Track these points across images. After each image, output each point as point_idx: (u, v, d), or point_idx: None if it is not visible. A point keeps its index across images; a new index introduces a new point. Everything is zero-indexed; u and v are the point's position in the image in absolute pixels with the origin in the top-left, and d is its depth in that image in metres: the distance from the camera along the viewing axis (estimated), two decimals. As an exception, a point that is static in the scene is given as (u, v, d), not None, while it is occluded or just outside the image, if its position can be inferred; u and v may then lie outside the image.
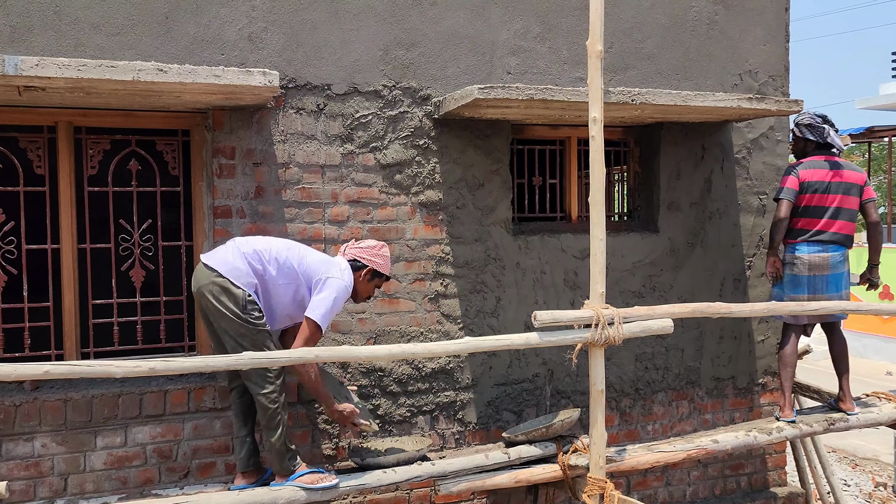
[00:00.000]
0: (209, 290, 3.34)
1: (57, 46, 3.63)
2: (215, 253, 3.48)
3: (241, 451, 3.56)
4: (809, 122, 4.54)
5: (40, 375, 2.76)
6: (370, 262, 3.63)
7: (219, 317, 3.35)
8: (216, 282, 3.33)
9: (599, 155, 3.55)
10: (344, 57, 4.14)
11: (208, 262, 3.40)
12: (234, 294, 3.33)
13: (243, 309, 3.33)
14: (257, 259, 3.42)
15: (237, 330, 3.35)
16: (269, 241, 3.55)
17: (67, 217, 3.88)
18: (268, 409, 3.42)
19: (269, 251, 3.45)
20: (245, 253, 3.41)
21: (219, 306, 3.32)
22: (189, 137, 4.06)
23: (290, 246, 3.55)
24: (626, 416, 4.89)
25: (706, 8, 4.99)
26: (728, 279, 5.13)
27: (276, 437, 3.43)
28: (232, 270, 3.35)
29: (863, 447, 8.48)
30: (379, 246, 3.69)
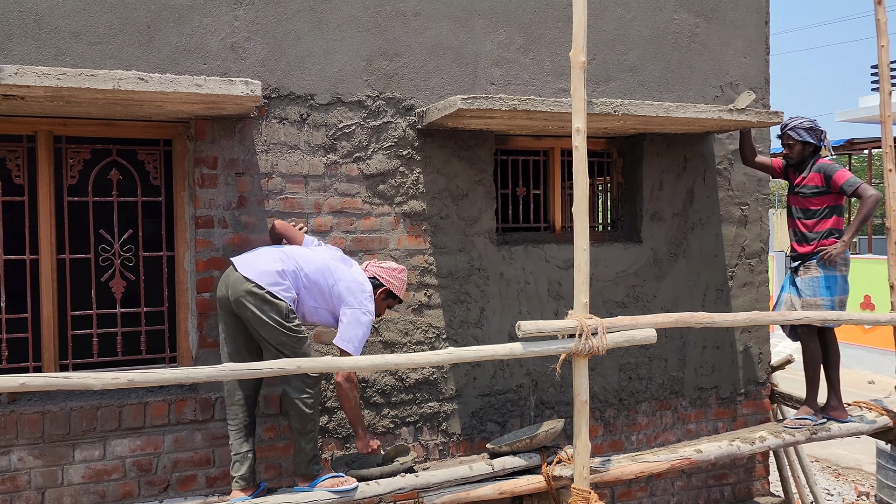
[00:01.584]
0: (250, 301, 3.37)
1: (37, 55, 3.61)
2: (255, 264, 3.46)
3: (243, 467, 3.52)
4: (810, 126, 4.56)
5: (16, 388, 2.72)
6: (388, 283, 3.80)
7: (260, 325, 3.40)
8: (257, 293, 3.37)
9: (583, 165, 3.56)
10: (327, 67, 4.14)
11: (248, 275, 3.40)
12: (277, 305, 3.40)
13: (286, 318, 3.41)
14: (294, 278, 3.50)
15: (278, 338, 3.41)
16: (306, 260, 3.58)
17: (47, 227, 3.83)
18: (305, 413, 3.48)
19: (304, 274, 3.53)
20: (286, 271, 3.47)
21: (262, 315, 3.37)
22: (171, 147, 4.04)
23: (323, 268, 3.60)
24: (610, 427, 4.89)
25: (687, 20, 5.04)
26: (711, 289, 5.16)
27: (309, 440, 3.52)
28: (274, 284, 3.41)
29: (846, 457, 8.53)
30: (399, 269, 3.86)
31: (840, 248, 4.44)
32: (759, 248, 5.31)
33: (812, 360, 4.60)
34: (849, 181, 4.44)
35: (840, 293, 4.50)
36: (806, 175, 4.57)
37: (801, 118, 4.61)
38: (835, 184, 4.45)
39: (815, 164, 4.54)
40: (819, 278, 4.51)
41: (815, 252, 4.52)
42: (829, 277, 4.49)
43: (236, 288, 3.40)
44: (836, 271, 4.50)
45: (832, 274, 4.49)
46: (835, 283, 4.49)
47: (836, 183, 4.45)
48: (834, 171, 4.47)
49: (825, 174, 4.48)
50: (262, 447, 4.03)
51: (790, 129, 4.60)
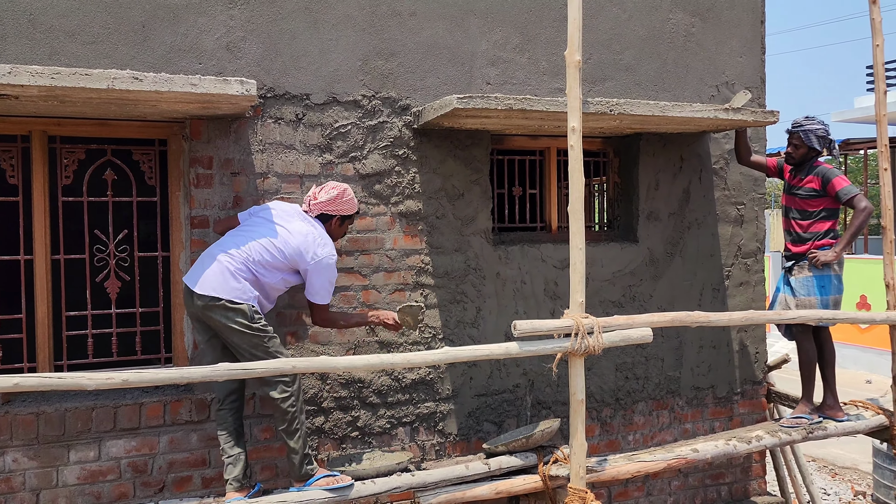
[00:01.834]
0: (215, 313, 3.39)
1: (31, 55, 3.59)
2: (205, 279, 3.42)
3: (237, 468, 3.50)
4: (824, 136, 4.54)
5: (10, 388, 2.71)
6: (337, 211, 3.73)
7: (230, 333, 3.41)
8: (218, 305, 3.37)
9: (579, 164, 3.56)
10: (323, 67, 4.13)
11: (203, 291, 3.39)
12: (240, 310, 3.39)
13: (251, 319, 3.41)
14: (246, 270, 3.46)
15: (250, 342, 3.41)
16: (246, 245, 3.50)
17: (41, 227, 3.82)
18: (287, 412, 3.47)
19: (252, 259, 3.47)
20: (235, 271, 3.43)
21: (229, 324, 3.38)
22: (166, 147, 4.02)
23: (266, 244, 3.51)
24: (606, 427, 4.89)
25: (683, 20, 5.04)
26: (707, 289, 5.16)
27: (296, 440, 3.50)
28: (231, 291, 3.40)
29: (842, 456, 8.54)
30: (340, 193, 3.72)
31: (830, 257, 4.45)
32: (755, 248, 5.31)
33: (807, 360, 4.60)
34: (844, 189, 4.43)
35: (834, 293, 4.50)
36: (804, 177, 4.57)
37: (817, 123, 4.56)
38: (831, 189, 4.46)
39: (815, 166, 4.54)
40: (812, 278, 4.51)
41: (808, 252, 4.53)
42: (823, 277, 4.49)
43: (199, 306, 3.42)
44: (829, 271, 4.50)
45: (826, 274, 4.49)
46: (829, 282, 4.49)
47: (833, 189, 4.46)
48: (832, 176, 4.47)
49: (823, 178, 4.49)
50: (258, 448, 4.02)
51: (803, 130, 4.53)
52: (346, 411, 4.18)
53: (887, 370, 4.88)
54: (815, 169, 4.54)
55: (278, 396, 3.45)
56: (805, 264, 4.54)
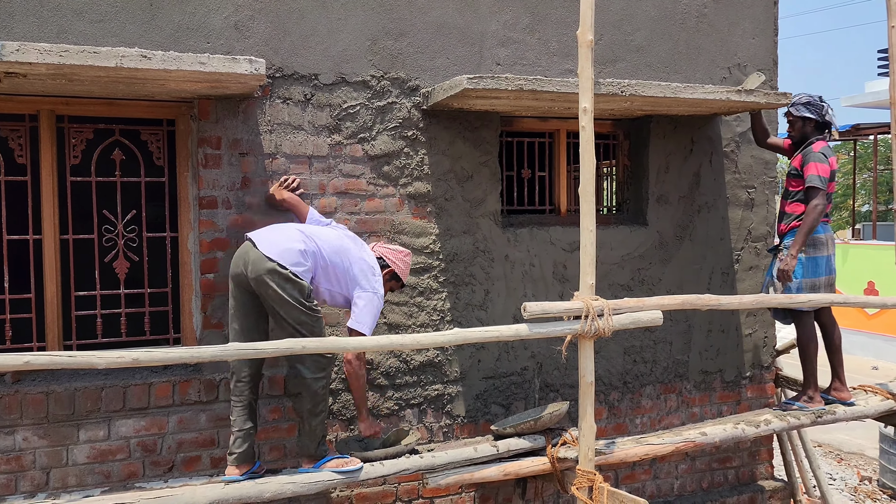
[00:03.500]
0: (272, 280, 3.35)
1: (39, 33, 3.57)
2: (277, 242, 3.43)
3: (245, 443, 3.50)
4: (808, 101, 4.50)
5: (21, 366, 2.71)
6: (394, 265, 3.81)
7: (281, 304, 3.38)
8: (280, 272, 3.35)
9: (590, 146, 3.53)
10: (332, 46, 4.10)
11: (270, 254, 3.37)
12: (299, 284, 3.39)
13: (307, 297, 3.42)
14: (312, 259, 3.49)
15: (298, 318, 3.40)
16: (324, 241, 3.56)
17: (50, 207, 3.81)
18: (317, 394, 3.48)
19: (321, 255, 3.52)
20: (307, 251, 3.46)
21: (283, 294, 3.35)
22: (174, 127, 4.00)
23: (340, 250, 3.60)
24: (614, 410, 4.88)
25: (695, 1, 4.98)
26: (716, 272, 5.13)
27: (319, 421, 3.53)
28: (296, 265, 3.40)
29: (848, 442, 8.54)
30: (405, 253, 3.90)
31: (788, 262, 4.35)
32: (765, 232, 5.28)
33: (804, 344, 4.56)
34: (811, 177, 4.34)
35: (810, 275, 4.44)
36: (797, 154, 4.55)
37: (801, 94, 4.55)
38: (804, 172, 4.41)
39: (808, 146, 4.48)
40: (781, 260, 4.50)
41: (786, 232, 4.50)
42: (799, 259, 4.43)
43: (257, 266, 3.36)
44: (802, 253, 4.42)
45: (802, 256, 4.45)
46: (800, 265, 4.44)
47: (805, 172, 4.40)
48: (811, 159, 4.40)
49: (804, 158, 4.45)
50: (267, 428, 4.03)
51: (792, 105, 4.55)
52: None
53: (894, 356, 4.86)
54: (806, 148, 4.48)
55: (311, 376, 3.44)
56: (782, 246, 4.54)
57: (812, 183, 4.34)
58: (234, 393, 3.57)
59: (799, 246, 4.36)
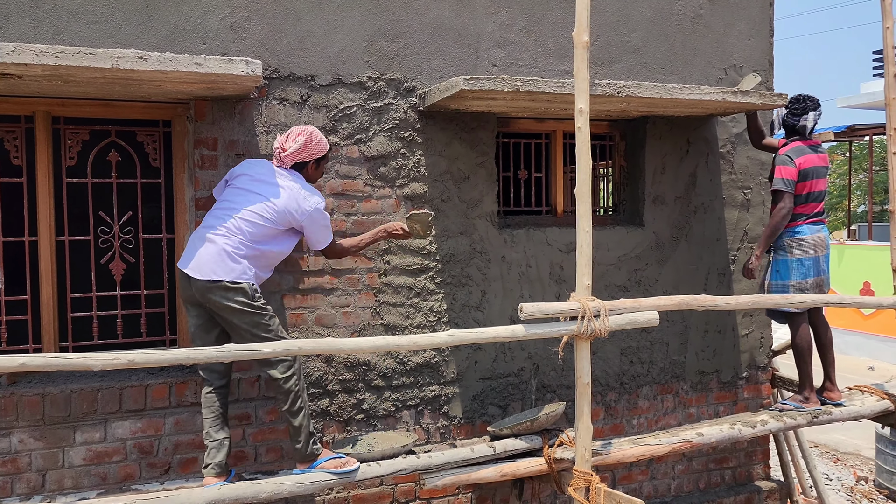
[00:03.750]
0: (215, 294, 3.33)
1: (35, 34, 3.56)
2: (201, 262, 3.35)
3: (220, 454, 3.46)
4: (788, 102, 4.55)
5: (16, 368, 2.70)
6: (310, 157, 3.64)
7: (231, 313, 3.36)
8: (218, 286, 3.33)
9: (586, 146, 3.53)
10: (328, 48, 4.10)
11: (202, 276, 3.33)
12: (241, 289, 3.36)
13: (253, 298, 3.38)
14: (243, 247, 3.40)
15: (251, 321, 3.37)
16: (235, 220, 3.41)
17: (45, 209, 3.80)
18: (289, 391, 3.46)
19: (246, 233, 3.40)
20: (233, 251, 3.37)
21: (229, 304, 3.34)
22: (170, 128, 4.00)
23: (250, 210, 3.43)
24: (611, 410, 4.89)
25: (691, 2, 4.99)
26: (713, 273, 5.14)
27: (301, 418, 3.49)
28: (231, 272, 3.35)
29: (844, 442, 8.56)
30: (308, 138, 3.59)
31: (753, 261, 4.47)
32: (761, 232, 5.28)
33: (797, 346, 4.57)
34: (776, 180, 4.44)
35: (794, 277, 4.47)
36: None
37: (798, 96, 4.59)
38: (773, 175, 4.47)
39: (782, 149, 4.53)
40: (771, 262, 4.57)
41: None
42: (780, 261, 4.49)
43: (199, 289, 3.36)
44: (787, 255, 4.48)
45: (784, 258, 4.48)
46: (786, 266, 4.47)
47: (773, 175, 4.47)
48: (776, 163, 4.49)
49: (774, 162, 4.53)
50: (263, 430, 4.02)
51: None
52: (350, 394, 4.18)
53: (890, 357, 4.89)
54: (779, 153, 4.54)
55: (280, 376, 3.44)
56: (772, 248, 4.57)
57: (776, 186, 4.44)
58: (205, 404, 3.52)
59: (762, 247, 4.48)
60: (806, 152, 4.48)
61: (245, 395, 3.98)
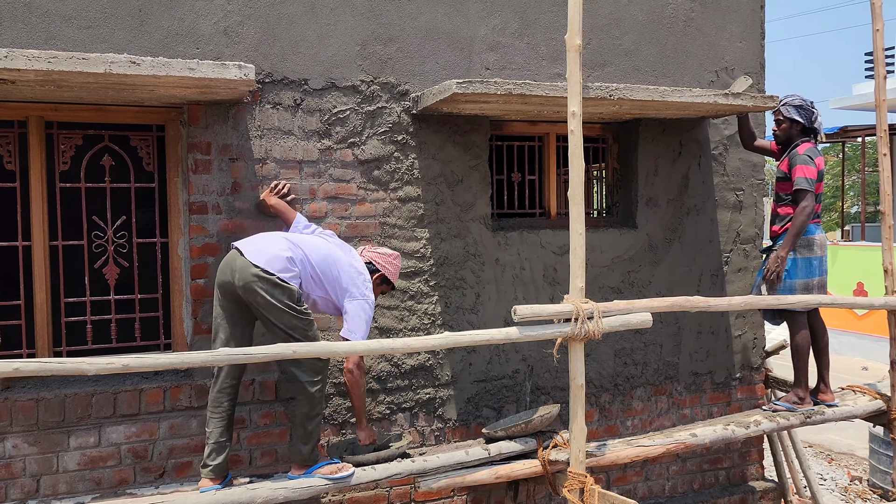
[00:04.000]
0: (261, 287, 3.34)
1: (27, 39, 3.56)
2: (264, 250, 3.42)
3: (220, 456, 3.47)
4: (800, 104, 4.53)
5: (10, 373, 2.70)
6: (384, 268, 3.83)
7: (271, 310, 3.36)
8: (268, 279, 3.34)
9: (578, 149, 3.55)
10: (321, 52, 4.11)
11: (257, 262, 3.36)
12: (288, 289, 3.39)
13: (298, 302, 3.41)
14: (300, 266, 3.48)
15: (290, 322, 3.39)
16: (311, 249, 3.55)
17: (39, 213, 3.81)
18: (313, 398, 3.47)
19: (311, 263, 3.51)
20: (295, 258, 3.45)
21: (273, 300, 3.34)
22: (164, 133, 4.01)
23: (328, 258, 3.59)
24: (605, 412, 4.90)
25: (683, 5, 5.02)
26: (706, 274, 5.17)
27: (315, 425, 3.52)
28: (284, 271, 3.39)
29: (839, 442, 8.59)
30: (395, 256, 3.91)
31: (779, 263, 4.41)
32: (753, 234, 5.31)
33: (796, 346, 4.58)
34: (799, 179, 4.40)
35: (802, 276, 4.48)
36: (783, 158, 4.59)
37: (794, 96, 4.59)
38: (792, 174, 4.45)
39: (794, 149, 4.53)
40: None
41: (780, 234, 4.53)
42: (789, 260, 4.48)
43: (245, 273, 3.34)
44: (795, 254, 4.48)
45: (792, 257, 4.48)
46: (794, 265, 4.48)
47: (793, 175, 4.44)
48: (797, 162, 4.44)
49: (790, 161, 4.50)
50: (258, 434, 4.03)
51: (782, 105, 4.57)
52: (345, 397, 4.19)
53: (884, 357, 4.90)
54: (792, 151, 4.53)
55: (307, 380, 3.42)
56: (775, 248, 4.56)
57: (800, 185, 4.39)
58: (212, 404, 3.52)
59: (788, 247, 4.41)
60: (818, 154, 4.53)
61: (240, 399, 3.95)
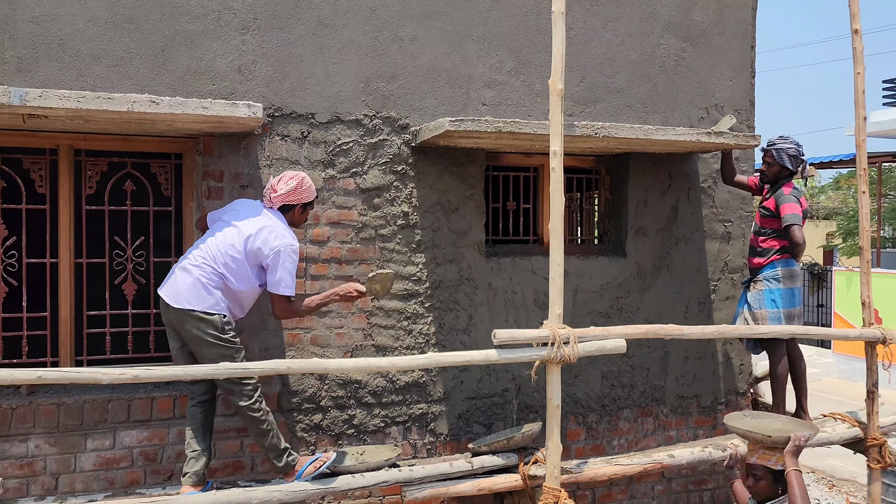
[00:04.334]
0: (188, 323, 3.58)
1: (60, 77, 3.94)
2: (178, 291, 3.60)
3: (199, 463, 3.70)
4: (795, 154, 4.75)
5: (33, 380, 3.03)
6: (298, 200, 3.84)
7: (200, 344, 3.61)
8: (192, 315, 3.57)
9: (559, 185, 3.81)
10: (328, 88, 4.44)
11: (178, 305, 3.58)
12: (212, 321, 3.59)
13: (222, 331, 3.62)
14: (216, 279, 3.63)
15: (219, 353, 3.60)
16: (212, 253, 3.63)
17: (66, 233, 4.16)
18: (254, 418, 3.69)
19: (219, 265, 3.62)
20: (207, 282, 3.60)
21: (200, 334, 3.58)
22: (181, 161, 4.35)
23: (228, 243, 3.64)
24: (592, 432, 5.13)
25: (674, 45, 5.28)
26: (693, 302, 5.38)
27: (269, 439, 3.73)
28: (203, 302, 3.59)
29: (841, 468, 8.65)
30: (299, 183, 3.81)
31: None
32: (741, 264, 5.51)
33: (775, 373, 4.78)
34: (787, 216, 4.61)
35: (786, 305, 4.68)
36: (769, 196, 4.79)
37: (790, 142, 4.78)
38: (780, 212, 4.66)
39: (780, 188, 4.74)
40: (764, 291, 4.74)
41: (765, 265, 4.74)
42: (774, 290, 4.69)
43: (176, 317, 3.61)
44: (780, 284, 4.69)
45: (777, 287, 4.69)
46: (780, 296, 4.69)
47: (781, 213, 4.66)
48: (783, 201, 4.66)
49: (777, 200, 4.70)
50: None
51: (776, 149, 4.75)
52: (342, 410, 4.47)
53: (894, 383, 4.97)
54: (778, 191, 4.74)
55: (244, 404, 3.65)
56: (759, 278, 4.77)
57: (790, 222, 4.61)
58: (189, 416, 3.78)
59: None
60: (802, 194, 4.76)
61: (243, 409, 4.29)
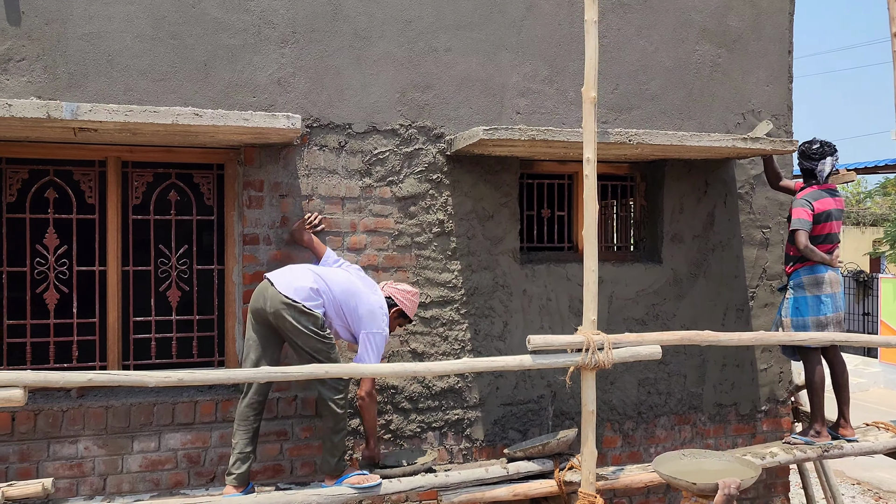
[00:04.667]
0: (288, 314, 3.74)
1: (109, 91, 4.10)
2: (291, 281, 3.81)
3: (244, 465, 3.81)
4: (802, 150, 4.76)
5: (84, 383, 3.16)
6: (402, 304, 4.14)
7: (298, 334, 3.77)
8: (295, 306, 3.75)
9: (592, 192, 3.85)
10: (364, 99, 4.53)
11: (285, 292, 3.76)
12: (312, 316, 3.78)
13: (321, 328, 3.81)
14: (325, 297, 3.86)
15: (314, 346, 3.79)
16: (334, 282, 3.91)
17: (114, 242, 4.32)
18: (337, 413, 3.85)
19: (333, 295, 3.88)
20: (319, 290, 3.84)
21: (299, 326, 3.75)
22: (223, 171, 4.49)
23: (348, 290, 3.93)
24: (628, 439, 5.11)
25: (709, 51, 5.26)
26: (731, 309, 5.34)
27: (340, 438, 3.89)
28: (308, 300, 3.79)
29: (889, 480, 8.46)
30: (413, 293, 4.20)
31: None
32: (780, 270, 5.45)
33: (811, 381, 4.72)
34: (792, 221, 4.60)
35: (812, 314, 4.63)
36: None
37: (806, 143, 4.78)
38: (790, 216, 4.65)
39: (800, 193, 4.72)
40: (790, 299, 4.72)
41: (791, 273, 4.72)
42: (799, 299, 4.65)
43: (274, 301, 3.76)
44: (805, 292, 4.64)
45: (802, 295, 4.65)
46: (805, 304, 4.64)
47: (790, 217, 4.64)
48: (793, 206, 4.66)
49: (792, 204, 4.70)
50: (299, 446, 4.42)
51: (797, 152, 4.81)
52: (379, 415, 4.54)
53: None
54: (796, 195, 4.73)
55: (331, 397, 3.82)
56: (788, 286, 4.75)
57: (793, 227, 4.60)
58: (240, 417, 3.88)
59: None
60: (822, 196, 4.66)
61: (283, 413, 4.39)
